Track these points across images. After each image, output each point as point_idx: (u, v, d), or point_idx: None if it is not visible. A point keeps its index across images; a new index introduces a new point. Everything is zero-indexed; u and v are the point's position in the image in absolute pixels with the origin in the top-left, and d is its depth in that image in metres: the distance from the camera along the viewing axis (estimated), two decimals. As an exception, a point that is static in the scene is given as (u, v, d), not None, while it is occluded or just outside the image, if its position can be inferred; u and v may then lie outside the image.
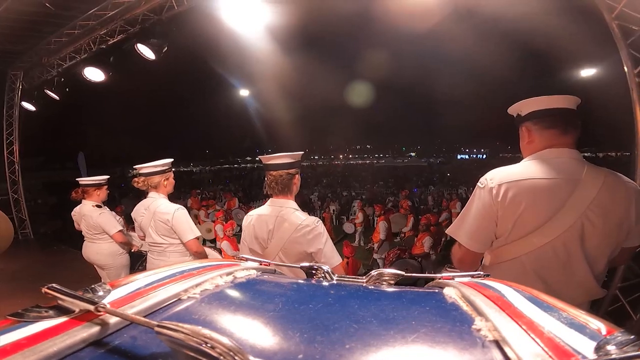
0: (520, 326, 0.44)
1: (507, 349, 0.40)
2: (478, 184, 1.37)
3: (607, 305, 3.03)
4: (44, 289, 0.49)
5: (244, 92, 16.61)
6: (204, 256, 2.55)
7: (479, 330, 0.46)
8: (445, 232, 1.52)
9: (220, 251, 5.62)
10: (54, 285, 0.49)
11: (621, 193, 1.25)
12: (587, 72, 9.54)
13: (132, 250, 3.44)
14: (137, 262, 3.64)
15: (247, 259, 0.95)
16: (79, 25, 5.18)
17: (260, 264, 0.94)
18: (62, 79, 6.17)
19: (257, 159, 2.09)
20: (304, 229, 1.73)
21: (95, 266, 3.40)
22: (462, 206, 1.44)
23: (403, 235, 8.16)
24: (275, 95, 18.14)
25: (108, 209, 3.41)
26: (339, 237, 9.10)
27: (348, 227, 9.81)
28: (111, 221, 3.25)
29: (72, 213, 3.41)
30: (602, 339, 0.39)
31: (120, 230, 3.25)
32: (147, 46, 5.05)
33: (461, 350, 0.43)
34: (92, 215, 3.24)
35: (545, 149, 1.36)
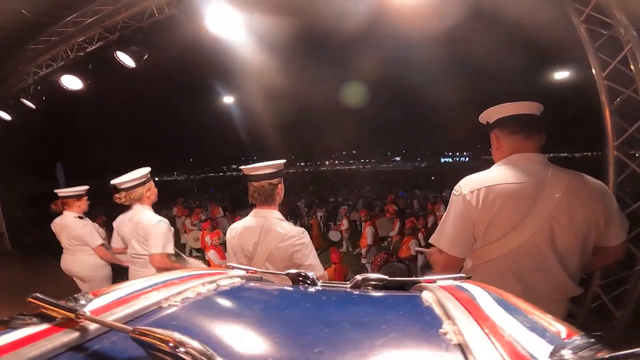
0: (483, 330, 0.45)
1: (468, 354, 0.42)
2: (453, 191, 1.45)
3: (589, 303, 3.11)
4: (28, 298, 0.51)
5: (228, 100, 16.50)
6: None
7: (445, 333, 0.47)
8: (429, 241, 1.57)
9: (208, 261, 5.54)
10: (37, 294, 0.52)
11: (586, 193, 1.31)
12: (561, 75, 9.87)
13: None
14: (119, 274, 3.55)
15: (233, 267, 0.96)
16: (56, 32, 5.06)
17: (247, 272, 0.95)
18: (39, 87, 5.99)
19: (239, 168, 2.07)
20: (289, 239, 1.73)
21: (75, 278, 3.30)
22: (446, 209, 1.49)
23: (390, 239, 8.22)
24: (260, 102, 18.11)
25: (91, 221, 3.34)
26: (326, 244, 9.09)
27: (334, 235, 9.82)
28: (93, 233, 3.19)
29: (52, 224, 3.32)
30: (560, 343, 0.40)
31: (102, 244, 3.19)
32: (127, 54, 4.96)
33: (425, 354, 0.46)
34: (74, 226, 3.17)
35: (512, 154, 1.43)
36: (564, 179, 1.31)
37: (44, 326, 0.48)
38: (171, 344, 0.38)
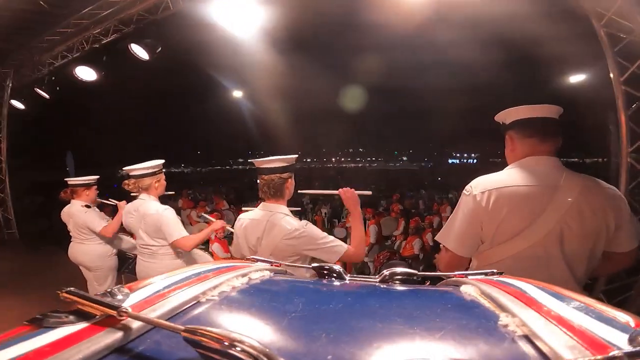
0: (549, 321, 0.43)
1: (539, 343, 0.40)
2: (464, 191, 1.44)
3: (594, 309, 3.10)
4: (62, 294, 0.47)
5: (237, 94, 16.53)
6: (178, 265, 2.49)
7: (505, 325, 0.46)
8: (435, 238, 1.57)
9: (211, 254, 5.58)
10: (72, 289, 0.48)
11: (598, 198, 1.30)
12: (576, 78, 9.71)
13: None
14: (125, 263, 3.59)
15: (256, 260, 0.95)
16: (72, 23, 5.13)
17: (271, 265, 0.93)
18: (53, 78, 6.07)
19: (249, 161, 2.08)
20: (293, 233, 1.72)
21: (81, 267, 3.33)
22: (452, 210, 1.49)
23: (394, 238, 8.21)
24: (269, 98, 18.11)
25: (96, 209, 3.37)
26: (331, 240, 9.06)
27: (339, 232, 9.82)
28: (97, 218, 3.19)
29: (61, 213, 3.34)
30: (634, 331, 0.38)
31: (106, 226, 3.16)
32: (141, 46, 5.01)
33: (491, 346, 0.43)
34: (79, 215, 3.19)
35: (526, 156, 1.42)
36: (577, 183, 1.31)
37: (83, 325, 0.44)
38: (226, 343, 0.36)
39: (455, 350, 0.42)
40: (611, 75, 2.76)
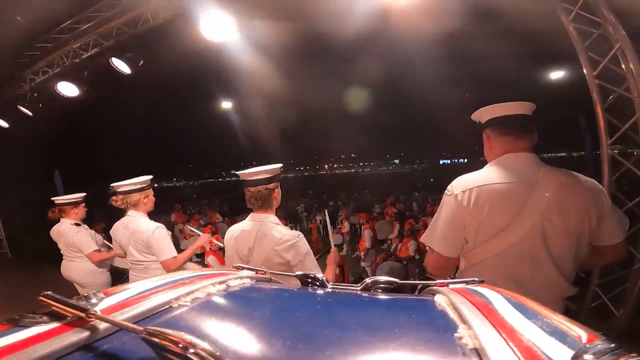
0: (501, 335, 0.44)
1: (484, 358, 0.40)
2: (445, 191, 1.45)
3: (589, 302, 3.10)
4: (40, 297, 0.51)
5: (226, 105, 16.54)
6: None
7: (460, 338, 0.46)
8: (420, 240, 1.57)
9: (207, 266, 5.53)
10: (48, 293, 0.51)
11: (577, 191, 1.31)
12: (557, 74, 9.90)
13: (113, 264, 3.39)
14: (118, 280, 3.58)
15: (243, 268, 0.95)
16: (51, 38, 5.09)
17: (257, 273, 0.94)
18: (35, 94, 6.01)
19: (235, 173, 2.10)
20: (284, 243, 1.73)
21: (75, 285, 3.33)
22: None
23: (390, 242, 8.21)
24: (259, 108, 18.15)
25: (86, 228, 3.36)
26: (326, 248, 9.06)
27: (336, 238, 9.79)
28: (87, 240, 3.21)
29: (51, 231, 3.34)
30: (581, 348, 0.39)
31: (95, 250, 3.21)
32: (122, 60, 5.00)
33: (441, 358, 0.44)
34: (69, 233, 3.19)
35: (503, 154, 1.44)
36: (554, 178, 1.31)
37: (54, 325, 0.48)
38: (181, 345, 0.38)
39: None
40: (584, 70, 2.80)
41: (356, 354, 0.45)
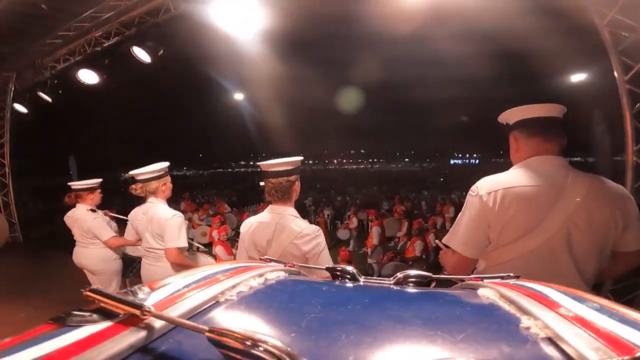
0: (572, 323, 0.43)
1: (563, 345, 0.39)
2: (470, 192, 1.43)
3: (602, 308, 3.08)
4: (85, 292, 0.47)
5: (238, 97, 16.58)
6: (182, 268, 2.43)
7: (528, 328, 0.45)
8: (442, 241, 1.56)
9: (215, 256, 5.58)
10: (95, 287, 0.48)
11: (605, 198, 1.29)
12: (578, 77, 9.68)
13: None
14: (129, 267, 3.59)
15: (270, 260, 0.94)
16: (73, 27, 5.14)
17: (285, 265, 0.92)
18: (56, 81, 6.10)
19: (251, 163, 2.06)
20: (304, 237, 1.72)
21: (85, 271, 3.33)
22: (455, 211, 1.48)
23: (397, 239, 8.20)
24: (270, 100, 18.18)
25: (102, 215, 3.37)
26: (333, 242, 9.10)
27: (343, 234, 9.79)
28: (104, 227, 3.19)
29: (65, 217, 3.33)
30: None
31: (113, 236, 3.20)
32: (143, 49, 5.03)
33: (514, 348, 0.42)
34: (85, 219, 3.18)
35: (531, 157, 1.41)
36: (583, 182, 1.30)
37: (106, 324, 0.44)
38: (249, 343, 0.36)
39: (477, 352, 0.42)
40: (615, 74, 2.74)
41: (423, 346, 0.44)
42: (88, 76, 5.59)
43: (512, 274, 0.74)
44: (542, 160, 1.38)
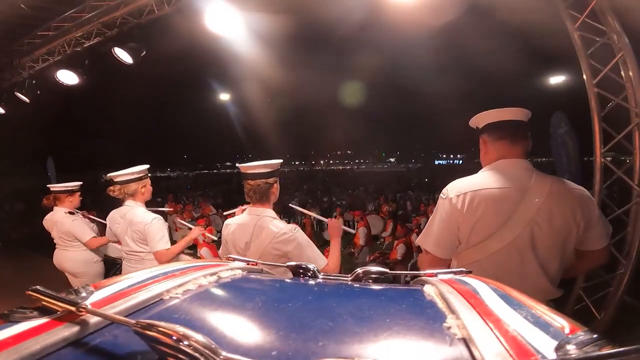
0: (488, 324, 0.45)
1: (472, 347, 0.42)
2: (440, 195, 1.50)
3: (572, 305, 3.19)
4: (28, 291, 0.50)
5: (224, 97, 16.46)
6: None
7: (449, 327, 0.47)
8: (415, 242, 1.62)
9: (200, 258, 5.52)
10: (37, 287, 0.50)
11: (566, 199, 1.36)
12: (556, 80, 9.96)
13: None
14: (111, 270, 3.54)
15: (234, 259, 0.95)
16: (53, 27, 5.03)
17: (248, 264, 0.94)
18: (34, 82, 5.94)
19: (236, 164, 2.09)
20: (281, 236, 1.75)
21: (67, 274, 3.28)
22: None
23: (383, 240, 8.28)
24: (256, 100, 18.06)
25: (81, 216, 3.32)
26: (319, 243, 9.09)
27: (328, 235, 9.80)
28: (84, 228, 3.16)
29: (44, 220, 3.29)
30: (564, 338, 0.40)
31: (93, 237, 3.16)
32: (125, 50, 4.95)
33: (430, 348, 0.45)
34: (64, 222, 3.13)
35: (498, 159, 1.48)
36: (546, 184, 1.36)
37: (44, 320, 0.47)
38: (174, 338, 0.38)
39: (395, 350, 0.45)
40: (584, 77, 2.85)
41: (348, 343, 0.46)
42: (67, 77, 5.46)
43: (464, 269, 0.78)
44: (508, 163, 1.45)
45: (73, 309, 0.47)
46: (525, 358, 0.37)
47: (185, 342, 0.37)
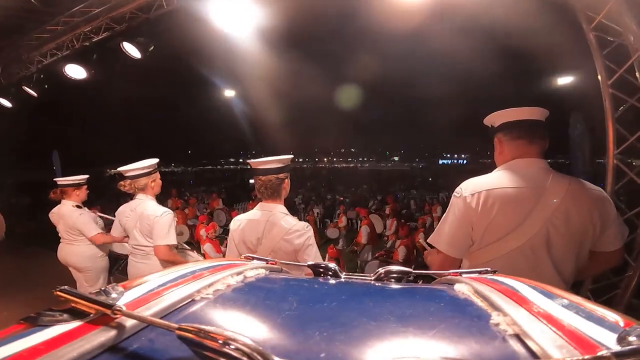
0: (540, 320, 0.44)
1: (529, 342, 0.40)
2: (454, 193, 1.47)
3: (580, 307, 3.17)
4: (56, 292, 0.47)
5: (229, 93, 16.44)
6: (171, 265, 2.46)
7: (497, 324, 0.46)
8: (427, 241, 1.60)
9: (203, 254, 5.55)
10: (65, 287, 0.48)
11: (583, 200, 1.34)
12: (565, 80, 9.86)
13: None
14: (115, 265, 3.54)
15: (253, 258, 0.94)
16: (62, 21, 5.04)
17: (267, 263, 0.93)
18: (42, 76, 5.97)
19: (240, 160, 2.07)
20: (293, 233, 1.74)
21: (70, 268, 3.27)
22: (443, 210, 1.52)
23: (386, 238, 8.28)
24: (261, 97, 18.05)
25: (88, 210, 3.32)
26: (322, 241, 9.12)
27: (332, 232, 9.83)
28: (90, 223, 3.14)
29: (50, 213, 3.27)
30: (623, 331, 0.39)
31: (99, 233, 3.15)
32: (133, 45, 4.96)
33: (482, 344, 0.43)
34: (71, 216, 3.13)
35: (514, 159, 1.45)
36: (563, 184, 1.34)
37: (77, 323, 0.44)
38: (220, 341, 0.36)
39: (447, 348, 0.43)
40: (599, 77, 2.82)
41: (397, 343, 0.44)
42: (75, 71, 5.49)
43: (489, 269, 0.77)
44: (524, 163, 1.43)
45: (108, 311, 0.44)
46: (590, 350, 0.36)
47: (232, 346, 0.35)
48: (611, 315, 0.45)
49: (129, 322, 0.45)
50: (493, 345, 0.43)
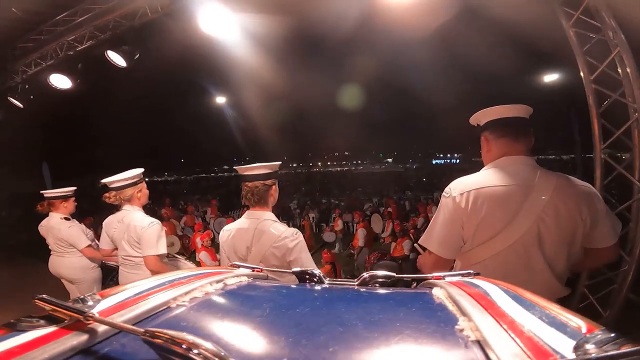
0: (502, 326, 0.44)
1: (487, 350, 0.41)
2: (443, 193, 1.47)
3: (577, 303, 3.16)
4: (35, 300, 0.50)
5: (220, 100, 16.43)
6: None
7: (461, 330, 0.47)
8: (418, 242, 1.58)
9: (199, 262, 5.51)
10: (44, 296, 0.50)
11: (571, 196, 1.33)
12: (551, 77, 10.00)
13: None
14: (109, 276, 3.51)
15: (239, 266, 0.94)
16: (45, 30, 4.99)
17: (253, 271, 0.94)
18: (27, 86, 5.88)
19: (234, 167, 2.07)
20: (283, 240, 1.72)
21: (63, 280, 3.25)
22: None
23: (382, 240, 8.29)
24: (253, 103, 18.02)
25: (77, 222, 3.29)
26: (318, 245, 9.11)
27: (328, 236, 9.82)
28: (80, 235, 3.13)
29: (39, 226, 3.25)
30: (582, 338, 0.39)
31: (89, 245, 3.13)
32: (118, 53, 4.92)
33: (443, 351, 0.44)
34: (60, 228, 3.11)
35: (501, 157, 1.45)
36: (550, 181, 1.34)
37: (52, 328, 0.47)
38: (184, 346, 0.37)
39: (407, 355, 0.44)
40: (582, 74, 2.84)
41: (359, 348, 0.45)
42: (60, 81, 5.42)
43: (472, 272, 0.76)
44: (511, 160, 1.43)
45: (81, 317, 0.47)
46: (544, 358, 0.37)
47: (195, 351, 0.37)
48: (575, 321, 0.45)
49: (101, 328, 0.48)
50: (453, 352, 0.44)
